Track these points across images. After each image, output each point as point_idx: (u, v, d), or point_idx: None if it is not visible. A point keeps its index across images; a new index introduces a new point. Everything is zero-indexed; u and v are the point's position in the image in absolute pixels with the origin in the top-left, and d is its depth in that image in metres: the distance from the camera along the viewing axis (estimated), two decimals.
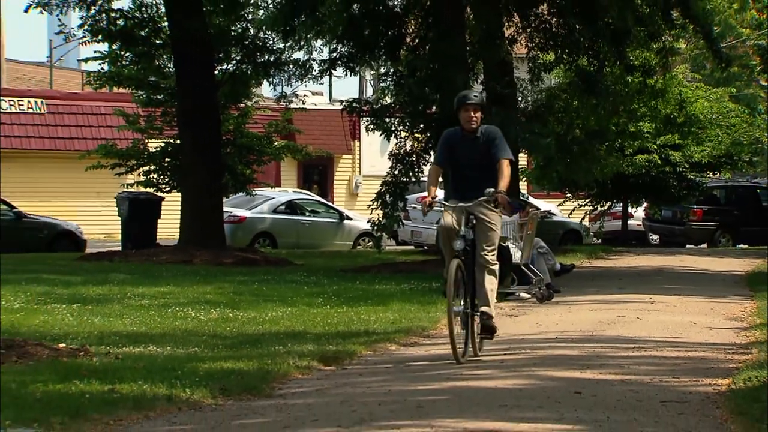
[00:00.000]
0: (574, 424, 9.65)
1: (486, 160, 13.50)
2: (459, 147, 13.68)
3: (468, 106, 13.60)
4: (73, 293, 20.59)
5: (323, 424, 9.65)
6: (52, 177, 47.19)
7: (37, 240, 36.27)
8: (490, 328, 13.48)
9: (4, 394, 10.67)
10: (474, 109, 13.58)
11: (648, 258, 33.83)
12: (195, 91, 31.15)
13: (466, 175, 13.66)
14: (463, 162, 13.66)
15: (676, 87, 41.59)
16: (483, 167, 13.49)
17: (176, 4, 30.98)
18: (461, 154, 13.65)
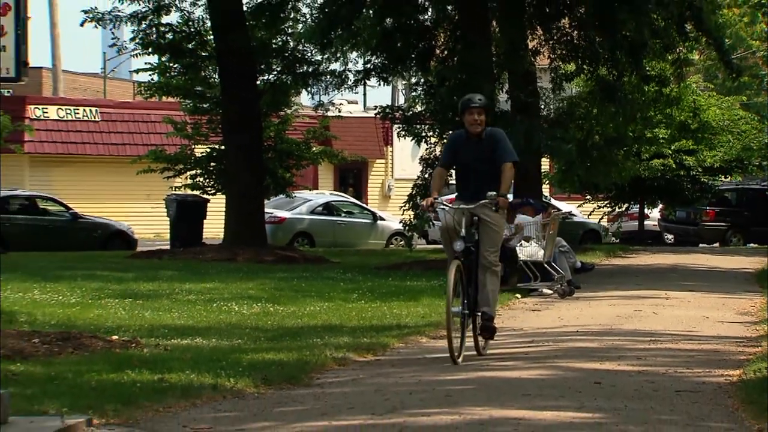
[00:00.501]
0: (594, 412, 9.64)
1: (491, 162, 12.97)
2: (464, 149, 13.15)
3: (472, 110, 13.04)
4: (125, 289, 20.65)
5: (358, 412, 9.65)
6: (105, 180, 47.34)
7: (92, 239, 36.38)
8: (490, 328, 12.98)
9: (59, 384, 10.71)
10: (478, 112, 13.02)
11: (663, 256, 33.77)
12: (238, 101, 31.19)
13: (471, 177, 13.15)
14: (468, 164, 13.16)
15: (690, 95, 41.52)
16: (488, 169, 12.95)
17: (221, 19, 31.04)
18: (466, 157, 13.13)
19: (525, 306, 19.62)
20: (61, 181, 46.49)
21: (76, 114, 48.77)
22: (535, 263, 21.57)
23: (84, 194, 44.96)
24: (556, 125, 30.41)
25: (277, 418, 9.53)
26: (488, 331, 12.95)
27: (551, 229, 22.12)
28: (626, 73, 31.02)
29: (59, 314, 16.54)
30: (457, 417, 9.32)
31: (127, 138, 48.39)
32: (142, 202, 45.55)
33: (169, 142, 39.19)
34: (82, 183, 46.83)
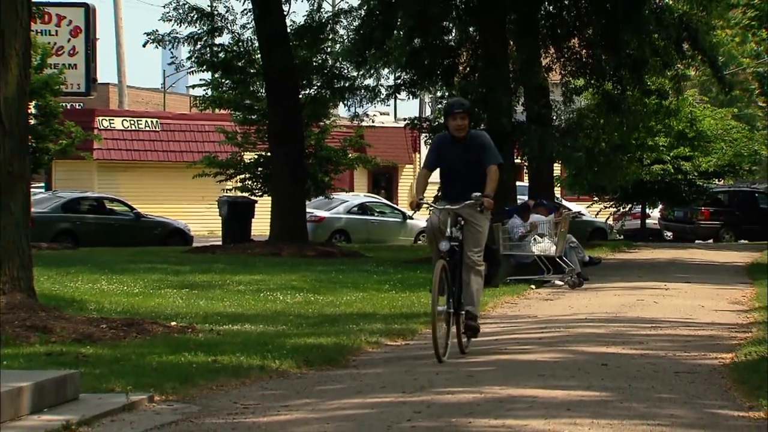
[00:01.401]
0: (601, 390, 9.62)
1: (474, 164, 12.00)
2: (448, 152, 12.15)
3: (456, 115, 12.09)
4: (182, 280, 20.71)
5: (390, 390, 9.65)
6: (165, 184, 47.47)
7: (153, 236, 36.50)
8: (474, 327, 11.96)
9: (124, 365, 10.74)
10: (461, 117, 12.08)
11: (663, 251, 33.69)
12: (283, 112, 31.23)
13: (455, 179, 12.12)
14: (452, 166, 12.12)
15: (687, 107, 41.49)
16: (471, 172, 11.98)
17: (267, 40, 31.07)
18: (450, 159, 12.11)
19: (539, 296, 19.61)
20: (126, 184, 46.65)
21: (139, 124, 48.94)
22: (548, 257, 21.58)
23: (146, 196, 45.08)
24: (566, 134, 30.37)
25: (317, 396, 9.54)
26: (472, 330, 11.98)
27: (562, 227, 22.12)
28: (629, 87, 31.01)
29: (124, 302, 16.61)
30: (478, 395, 9.31)
31: (184, 146, 48.51)
32: (197, 203, 45.63)
33: (221, 149, 39.24)
34: (145, 186, 46.97)
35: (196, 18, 33.25)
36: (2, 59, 13.18)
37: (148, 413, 8.72)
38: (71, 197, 37.38)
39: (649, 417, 8.44)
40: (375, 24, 28.79)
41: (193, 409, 8.88)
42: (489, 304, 17.68)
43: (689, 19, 30.80)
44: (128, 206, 37.94)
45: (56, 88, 35.20)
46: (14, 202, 13.23)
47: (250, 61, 33.92)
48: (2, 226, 13.08)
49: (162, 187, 47.39)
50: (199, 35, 33.39)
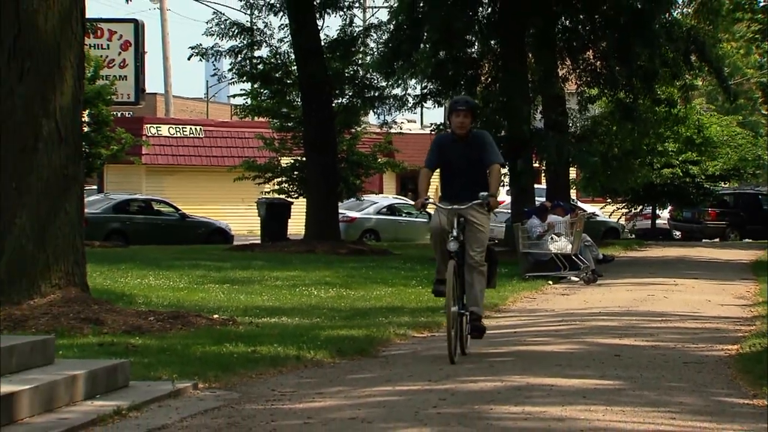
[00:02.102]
0: (615, 380, 9.59)
1: (475, 163, 11.12)
2: (450, 151, 11.24)
3: (459, 112, 11.16)
4: (224, 276, 20.75)
5: (417, 379, 9.65)
6: (207, 186, 47.59)
7: (197, 235, 36.59)
8: (480, 328, 11.14)
9: (170, 355, 10.77)
10: (464, 115, 11.14)
11: (672, 250, 33.57)
12: (317, 120, 31.25)
13: (456, 178, 11.19)
14: (454, 165, 11.20)
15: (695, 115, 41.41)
16: (473, 170, 11.13)
17: (303, 53, 31.11)
18: (452, 158, 11.20)
19: (556, 291, 19.57)
20: (172, 187, 46.79)
21: (184, 131, 49.08)
22: (564, 255, 21.53)
23: (190, 198, 45.21)
24: (582, 140, 30.35)
25: (349, 384, 9.55)
26: (478, 330, 11.13)
27: (578, 227, 22.07)
28: (641, 96, 30.96)
29: (170, 297, 16.65)
30: (499, 383, 9.30)
31: (226, 151, 48.63)
32: (237, 205, 45.73)
33: (259, 154, 39.31)
34: (189, 188, 47.10)
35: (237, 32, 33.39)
36: (58, 71, 13.24)
37: (192, 399, 8.75)
38: (122, 199, 37.52)
39: (660, 404, 8.42)
40: (403, 38, 28.82)
41: (234, 396, 8.90)
42: (509, 298, 17.68)
43: (697, 32, 30.75)
44: (174, 207, 38.05)
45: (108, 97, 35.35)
46: (69, 203, 13.29)
47: (287, 73, 34.01)
48: (58, 225, 13.14)
49: (205, 189, 47.51)
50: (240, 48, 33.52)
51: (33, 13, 13.13)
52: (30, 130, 13.11)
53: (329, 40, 33.04)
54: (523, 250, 22.10)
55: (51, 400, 7.87)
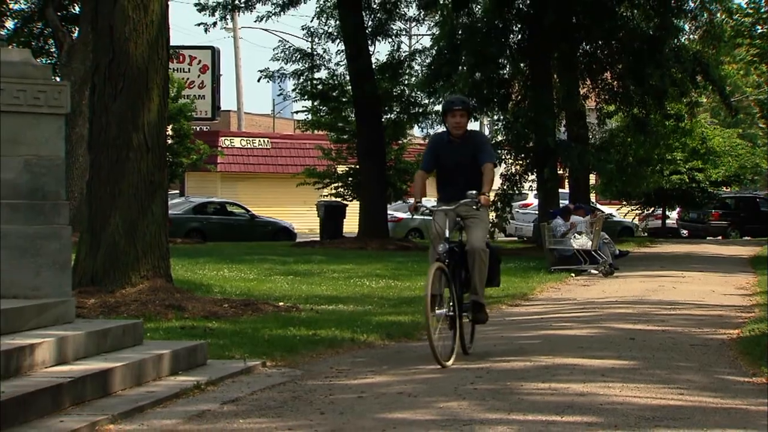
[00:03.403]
0: (630, 360, 9.54)
1: (472, 164, 9.64)
2: (445, 151, 9.77)
3: (455, 112, 9.67)
4: (288, 269, 20.83)
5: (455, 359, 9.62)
6: (274, 190, 47.78)
7: (264, 233, 36.73)
8: (480, 318, 9.85)
9: (242, 337, 10.82)
10: (461, 114, 9.68)
11: (680, 246, 33.35)
12: (369, 133, 31.30)
13: (452, 179, 9.75)
14: (450, 166, 9.77)
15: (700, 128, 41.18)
16: (469, 171, 9.65)
17: (357, 75, 31.18)
18: (448, 158, 9.75)
19: (577, 282, 19.47)
20: (243, 191, 47.02)
21: (254, 143, 49.30)
22: (585, 251, 21.43)
23: (259, 201, 45.41)
24: (600, 150, 30.23)
25: (397, 363, 9.54)
26: (480, 320, 9.87)
27: (597, 226, 21.97)
28: (652, 112, 30.85)
29: (242, 287, 16.73)
30: (528, 363, 9.27)
31: (289, 160, 48.80)
32: (299, 206, 45.87)
33: (319, 163, 39.41)
34: (258, 192, 47.32)
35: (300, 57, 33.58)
36: (146, 91, 13.34)
37: (261, 376, 8.77)
38: (200, 202, 37.73)
39: (669, 381, 8.37)
40: (443, 61, 28.84)
41: (297, 373, 8.92)
42: (537, 288, 17.62)
43: (702, 56, 30.57)
44: (245, 209, 38.22)
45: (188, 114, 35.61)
46: (155, 205, 13.38)
47: (343, 92, 34.13)
48: (146, 225, 13.24)
49: (272, 193, 47.72)
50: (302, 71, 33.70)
51: (125, 42, 13.24)
52: (122, 143, 13.23)
53: (379, 64, 33.12)
54: (548, 246, 22.03)
55: (140, 375, 7.93)
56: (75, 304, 8.87)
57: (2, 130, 8.45)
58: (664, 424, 6.65)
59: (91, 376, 7.29)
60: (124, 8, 13.20)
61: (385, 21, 32.63)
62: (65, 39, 30.22)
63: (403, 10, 33.14)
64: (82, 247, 13.32)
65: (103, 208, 13.22)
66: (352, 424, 6.68)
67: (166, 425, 6.71)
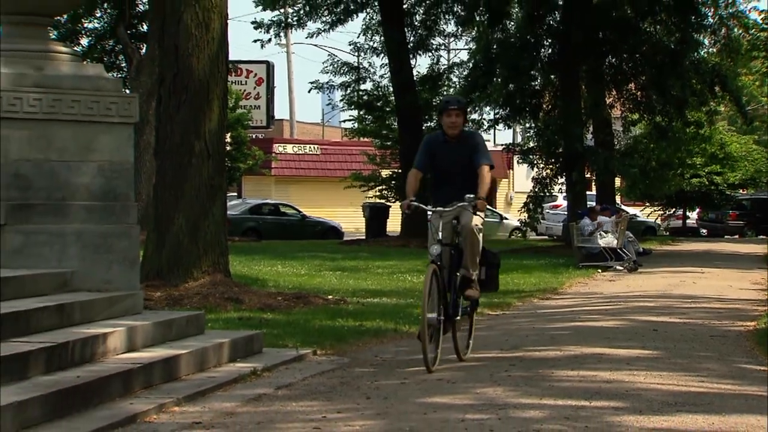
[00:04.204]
0: (653, 349, 9.47)
1: (467, 164, 8.64)
2: (441, 152, 8.76)
3: (450, 111, 8.70)
4: (336, 265, 20.86)
5: (491, 348, 9.61)
6: (323, 193, 47.89)
7: (314, 232, 36.81)
8: (472, 297, 8.80)
9: (294, 327, 10.85)
10: (456, 114, 8.70)
11: (699, 244, 33.04)
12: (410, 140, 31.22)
13: (447, 180, 8.78)
14: (445, 167, 8.76)
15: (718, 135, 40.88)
16: (464, 172, 8.65)
17: (399, 86, 31.19)
18: (443, 159, 8.75)
19: (604, 278, 19.36)
20: (295, 193, 47.15)
21: (305, 149, 49.46)
22: (611, 249, 21.31)
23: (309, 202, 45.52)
24: (625, 155, 30.08)
25: None
26: (470, 296, 8.76)
27: (622, 226, 21.86)
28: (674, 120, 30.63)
29: (294, 281, 16.77)
30: (558, 352, 9.23)
31: (337, 165, 48.89)
32: (347, 208, 45.93)
33: (364, 167, 39.47)
34: (309, 195, 47.42)
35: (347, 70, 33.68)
36: (207, 102, 13.42)
37: (312, 363, 8.79)
38: (256, 203, 37.89)
39: (690, 370, 8.30)
40: (479, 74, 28.80)
41: (345, 361, 8.93)
42: (566, 283, 17.53)
43: (720, 68, 30.35)
44: (296, 210, 38.34)
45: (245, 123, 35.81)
46: (215, 207, 13.45)
47: (386, 102, 34.20)
48: (207, 224, 13.30)
49: (321, 195, 47.83)
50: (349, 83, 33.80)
51: (189, 57, 13.33)
52: (185, 149, 13.31)
53: (420, 76, 33.13)
54: (577, 244, 21.92)
55: (203, 362, 7.97)
56: (143, 297, 8.94)
57: (78, 137, 8.54)
58: (686, 409, 6.60)
59: (158, 362, 7.34)
60: (188, 27, 13.29)
61: (426, 37, 32.65)
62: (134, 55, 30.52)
63: (442, 27, 33.17)
64: (149, 244, 13.42)
65: (168, 210, 13.31)
66: (396, 407, 6.68)
67: (226, 407, 6.75)
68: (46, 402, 5.96)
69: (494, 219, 42.76)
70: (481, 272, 8.77)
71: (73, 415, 6.07)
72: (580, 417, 6.29)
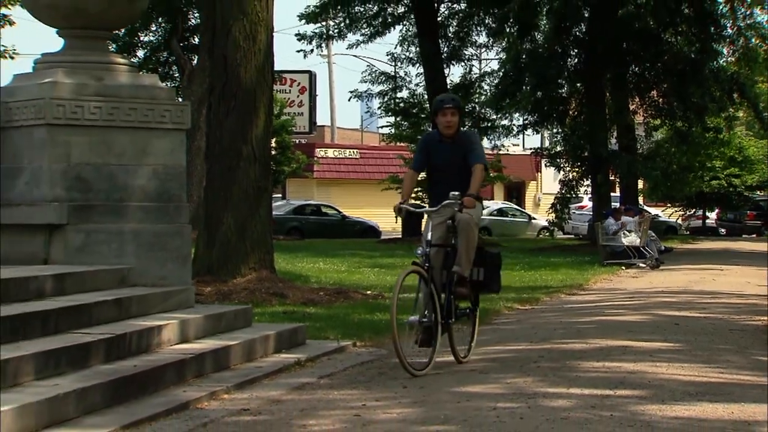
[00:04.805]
0: (674, 342, 9.38)
1: (463, 164, 7.93)
2: (436, 151, 8.07)
3: (445, 110, 7.98)
4: (374, 262, 20.87)
5: (521, 341, 9.57)
6: (362, 194, 47.90)
7: (353, 232, 36.90)
8: (461, 293, 8.02)
9: (335, 321, 10.85)
10: (452, 113, 7.98)
11: (718, 243, 32.73)
12: None
13: (443, 179, 8.03)
14: (441, 166, 8.06)
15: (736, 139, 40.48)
16: (460, 172, 7.93)
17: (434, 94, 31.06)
18: (438, 159, 8.06)
19: (627, 275, 19.22)
20: (336, 195, 47.25)
21: (345, 154, 49.54)
22: (634, 247, 21.18)
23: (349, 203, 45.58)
24: (647, 159, 29.93)
25: None
26: (459, 294, 8.00)
27: (644, 225, 21.71)
28: (694, 125, 30.42)
29: (335, 277, 16.78)
30: (585, 345, 9.17)
31: (375, 168, 48.90)
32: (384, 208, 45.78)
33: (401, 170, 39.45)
34: (348, 196, 47.49)
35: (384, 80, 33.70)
36: (254, 109, 13.47)
37: (352, 354, 8.80)
38: (299, 204, 38.03)
39: (710, 361, 8.22)
40: (509, 82, 28.73)
41: (383, 352, 8.93)
42: (591, 280, 17.42)
43: (738, 76, 30.10)
44: (337, 210, 38.41)
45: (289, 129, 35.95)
46: (261, 207, 13.51)
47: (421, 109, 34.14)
48: (253, 224, 13.36)
49: (360, 196, 47.87)
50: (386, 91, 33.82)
51: (237, 67, 13.39)
52: (233, 153, 13.37)
53: (453, 84, 33.05)
54: (602, 243, 21.80)
55: (250, 352, 8.00)
56: (194, 292, 8.98)
57: (135, 143, 8.62)
58: (707, 398, 6.54)
59: (209, 353, 7.38)
60: (236, 39, 13.35)
61: (459, 47, 32.62)
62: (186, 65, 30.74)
63: (474, 38, 33.13)
64: (200, 243, 13.49)
65: (217, 210, 13.38)
66: (431, 396, 6.68)
67: (272, 395, 6.78)
68: (107, 389, 6.01)
69: (523, 219, 42.65)
70: (481, 273, 7.96)
71: (130, 402, 6.11)
72: (606, 406, 6.25)
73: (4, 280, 6.96)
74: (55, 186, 8.30)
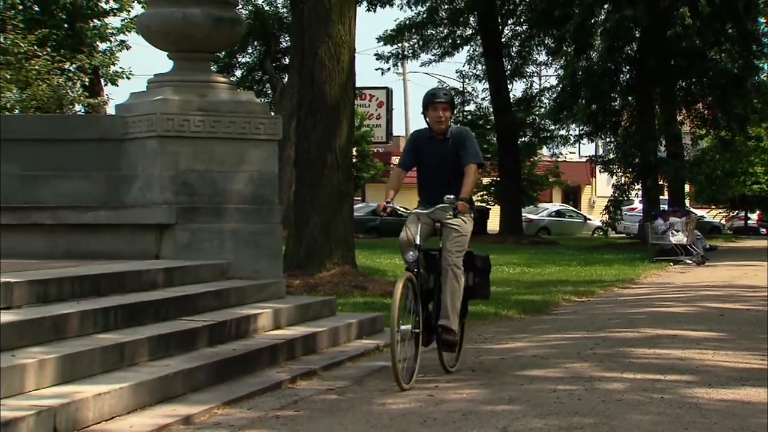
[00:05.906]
0: (719, 332, 9.18)
1: (455, 163, 6.67)
2: (426, 149, 6.76)
3: (437, 105, 6.70)
4: None
5: (578, 330, 9.46)
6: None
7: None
8: (448, 342, 6.64)
9: None
10: (443, 108, 6.72)
11: (759, 242, 31.94)
12: (507, 153, 31.06)
13: (433, 179, 6.74)
14: (431, 164, 6.75)
15: None
16: (451, 170, 6.67)
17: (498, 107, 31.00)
18: (429, 156, 6.75)
19: (675, 270, 18.87)
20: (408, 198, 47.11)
21: None
22: (681, 245, 20.81)
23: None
24: (693, 165, 29.42)
25: (531, 332, 9.43)
26: (446, 345, 6.66)
27: (691, 225, 21.32)
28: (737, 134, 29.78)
29: None
30: (636, 333, 9.03)
31: None
32: None
33: None
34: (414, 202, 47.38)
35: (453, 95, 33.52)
36: (338, 122, 13.54)
37: None
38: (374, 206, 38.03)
39: (753, 349, 8.02)
40: (566, 96, 28.44)
41: None
42: (642, 275, 17.15)
43: None
44: None
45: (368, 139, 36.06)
46: (344, 209, 13.56)
47: (487, 121, 34.08)
48: (337, 224, 13.42)
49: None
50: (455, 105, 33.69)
51: (323, 85, 13.47)
52: (320, 162, 13.45)
53: (516, 98, 32.88)
54: (651, 241, 21.46)
55: (335, 338, 8.05)
56: (285, 284, 9.07)
57: (234, 152, 8.74)
58: (750, 383, 6.39)
59: (299, 338, 7.44)
60: (322, 60, 13.43)
61: (521, 65, 32.45)
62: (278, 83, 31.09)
63: (535, 57, 32.95)
64: (290, 241, 13.61)
65: (305, 212, 13.48)
66: (497, 379, 6.63)
67: (355, 376, 6.80)
68: (210, 369, 6.10)
69: (579, 219, 42.14)
70: (470, 278, 6.80)
71: (230, 381, 6.19)
72: (656, 389, 6.14)
73: (120, 273, 7.11)
74: (165, 190, 8.47)
